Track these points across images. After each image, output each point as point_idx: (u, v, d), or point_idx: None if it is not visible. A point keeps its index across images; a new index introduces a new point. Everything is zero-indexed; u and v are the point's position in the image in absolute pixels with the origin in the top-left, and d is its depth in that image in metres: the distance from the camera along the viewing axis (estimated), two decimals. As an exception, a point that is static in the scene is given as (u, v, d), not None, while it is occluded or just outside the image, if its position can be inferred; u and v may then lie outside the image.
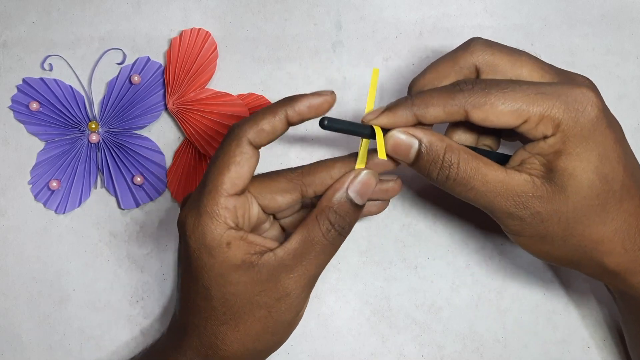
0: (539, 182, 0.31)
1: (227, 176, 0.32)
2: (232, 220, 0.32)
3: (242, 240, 0.32)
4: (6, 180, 0.43)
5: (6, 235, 0.43)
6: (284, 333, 0.34)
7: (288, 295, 0.32)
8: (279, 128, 0.32)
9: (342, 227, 0.32)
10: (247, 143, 0.32)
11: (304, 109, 0.32)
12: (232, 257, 0.32)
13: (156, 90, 0.42)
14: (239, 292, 0.32)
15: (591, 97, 0.31)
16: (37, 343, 0.42)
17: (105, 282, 0.43)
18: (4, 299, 0.43)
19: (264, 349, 0.34)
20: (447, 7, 0.43)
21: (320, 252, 0.32)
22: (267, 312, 0.32)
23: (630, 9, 0.42)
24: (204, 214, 0.32)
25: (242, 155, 0.32)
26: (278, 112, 0.32)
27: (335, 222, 0.32)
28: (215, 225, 0.32)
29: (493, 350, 0.41)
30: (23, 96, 0.43)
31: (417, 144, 0.32)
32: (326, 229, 0.32)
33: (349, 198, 0.32)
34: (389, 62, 0.43)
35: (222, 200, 0.32)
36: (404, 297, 0.42)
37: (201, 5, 0.43)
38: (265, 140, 0.32)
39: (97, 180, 0.43)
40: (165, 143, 0.43)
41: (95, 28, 0.43)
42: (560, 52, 0.42)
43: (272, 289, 0.32)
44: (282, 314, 0.33)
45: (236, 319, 0.32)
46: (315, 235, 0.32)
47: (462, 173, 0.31)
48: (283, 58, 0.43)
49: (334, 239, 0.32)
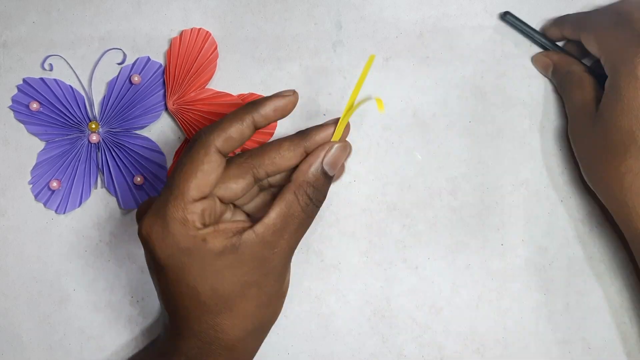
0: None
1: (193, 183, 0.31)
2: (200, 223, 0.32)
3: (215, 232, 0.32)
4: (6, 180, 0.43)
5: (6, 235, 0.43)
6: (277, 303, 0.35)
7: (274, 269, 0.33)
8: (246, 134, 0.32)
9: (319, 199, 0.34)
10: (215, 151, 0.32)
11: (270, 112, 0.33)
12: (212, 247, 0.32)
13: (156, 90, 0.42)
14: (226, 279, 0.32)
15: None
16: (37, 343, 0.42)
17: (105, 282, 0.43)
18: (4, 299, 0.43)
19: (263, 324, 0.35)
20: (447, 7, 0.43)
21: (299, 225, 0.33)
22: (257, 289, 0.33)
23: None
24: (171, 222, 0.31)
25: (210, 163, 0.32)
26: (245, 119, 0.32)
27: (313, 195, 0.33)
28: (186, 229, 0.31)
29: (493, 350, 0.41)
30: (23, 96, 0.43)
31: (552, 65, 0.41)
32: (305, 203, 0.33)
33: (324, 170, 0.34)
34: (389, 62, 0.43)
35: (189, 206, 0.31)
36: (405, 297, 0.42)
37: (201, 5, 0.43)
38: (232, 148, 0.32)
39: (98, 181, 0.43)
40: (165, 143, 0.43)
41: (95, 28, 0.43)
42: (561, 52, 0.42)
43: (257, 266, 0.32)
44: (272, 287, 0.34)
45: (229, 305, 0.33)
46: (295, 209, 0.33)
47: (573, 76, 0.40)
48: (283, 58, 0.43)
49: (312, 211, 0.34)
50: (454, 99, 0.42)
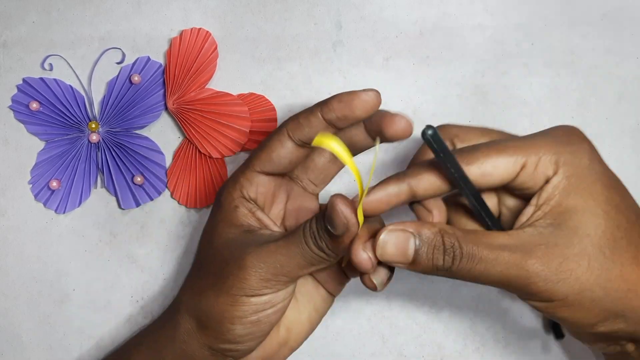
0: (548, 230, 0.29)
1: (258, 155, 0.34)
2: (249, 192, 0.34)
3: (250, 211, 0.34)
4: (6, 180, 0.43)
5: (6, 235, 0.43)
6: (226, 305, 0.32)
7: (245, 263, 0.31)
8: (314, 123, 0.33)
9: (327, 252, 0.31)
10: (285, 133, 0.33)
11: (334, 103, 0.32)
12: (233, 217, 0.33)
13: (156, 90, 0.42)
14: (219, 244, 0.33)
15: (578, 133, 0.31)
16: (37, 343, 0.42)
17: (105, 282, 0.43)
18: (4, 299, 0.43)
19: (207, 313, 0.32)
20: (447, 7, 0.43)
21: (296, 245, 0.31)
22: (222, 267, 0.32)
23: (630, 9, 0.42)
24: (230, 180, 0.35)
25: (277, 141, 0.33)
26: (314, 109, 0.33)
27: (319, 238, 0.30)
28: (232, 189, 0.34)
29: (494, 350, 0.41)
30: (23, 96, 0.43)
31: (413, 239, 0.29)
32: (315, 248, 0.30)
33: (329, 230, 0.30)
34: (389, 62, 0.43)
35: (247, 172, 0.34)
36: (405, 297, 0.42)
37: (201, 5, 0.43)
38: (302, 133, 0.33)
39: (97, 180, 0.43)
40: (165, 143, 0.43)
41: (95, 28, 0.43)
42: (561, 51, 0.42)
43: (238, 250, 0.32)
44: (232, 278, 0.31)
45: (201, 265, 0.34)
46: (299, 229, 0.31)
47: (465, 249, 0.29)
48: (283, 58, 0.43)
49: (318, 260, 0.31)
50: (454, 98, 0.42)
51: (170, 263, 0.43)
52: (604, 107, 0.42)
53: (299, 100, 0.42)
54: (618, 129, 0.42)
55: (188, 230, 0.42)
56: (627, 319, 0.29)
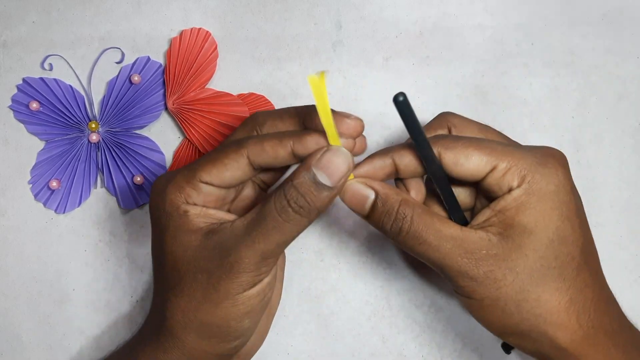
0: (495, 239, 0.31)
1: (209, 167, 0.32)
2: (195, 200, 0.32)
3: (200, 212, 0.32)
4: (6, 180, 0.43)
5: (6, 235, 0.43)
6: (228, 309, 0.32)
7: (230, 264, 0.31)
8: (280, 154, 0.31)
9: (300, 205, 0.30)
10: (245, 155, 0.31)
11: (312, 145, 0.31)
12: (188, 222, 0.32)
13: (156, 90, 0.42)
14: (186, 256, 0.32)
15: (560, 160, 0.32)
16: (37, 343, 0.42)
17: (105, 282, 0.43)
18: (4, 299, 0.43)
19: (208, 323, 0.32)
20: (447, 7, 0.43)
21: (272, 228, 0.30)
22: (207, 278, 0.31)
23: (630, 9, 0.42)
24: (172, 185, 0.32)
25: (233, 161, 0.31)
26: (284, 140, 0.31)
27: (292, 199, 0.30)
28: (176, 196, 0.32)
29: (493, 350, 0.41)
30: (23, 96, 0.43)
31: (374, 195, 0.32)
32: (280, 205, 0.30)
33: (312, 174, 0.30)
34: (389, 62, 0.43)
35: (193, 181, 0.32)
36: (404, 297, 0.42)
37: (201, 5, 0.43)
38: (263, 161, 0.31)
39: (97, 180, 0.43)
40: (165, 143, 0.43)
41: (95, 28, 0.43)
42: (561, 51, 0.42)
43: (216, 255, 0.31)
44: (223, 283, 0.31)
45: (181, 284, 0.32)
46: (269, 209, 0.30)
47: (415, 226, 0.31)
48: (283, 58, 0.43)
49: (290, 216, 0.30)
50: (454, 98, 0.42)
51: (170, 263, 0.43)
52: (604, 107, 0.42)
53: (299, 101, 0.42)
54: (618, 129, 0.42)
55: (188, 230, 0.43)
56: (533, 340, 0.31)
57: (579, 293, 0.31)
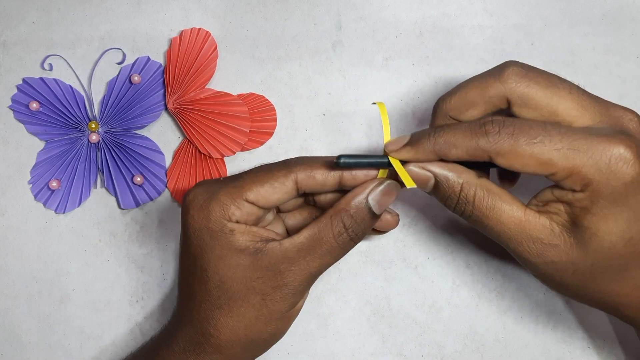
0: (558, 230, 0.30)
1: (258, 188, 0.32)
2: (238, 218, 0.32)
3: (245, 230, 0.32)
4: (6, 180, 0.43)
5: (6, 235, 0.43)
6: (277, 325, 0.34)
7: (285, 286, 0.32)
8: (329, 183, 0.33)
9: (356, 233, 0.32)
10: (293, 181, 0.33)
11: (360, 176, 0.33)
12: (235, 241, 0.32)
13: (156, 90, 0.42)
14: (236, 276, 0.32)
15: (629, 156, 0.28)
16: (37, 343, 0.42)
17: (105, 282, 0.43)
18: (4, 299, 0.43)
19: (257, 339, 0.33)
20: (447, 7, 0.43)
21: (326, 252, 0.32)
22: (261, 299, 0.32)
23: (630, 9, 0.42)
24: (215, 201, 0.32)
25: (282, 185, 0.32)
26: (334, 171, 0.33)
27: (350, 227, 0.32)
28: (220, 213, 0.32)
29: (493, 350, 0.41)
30: (23, 96, 0.43)
31: (433, 179, 0.32)
32: (338, 232, 0.32)
33: (368, 205, 0.32)
34: (389, 62, 0.43)
35: (239, 201, 0.32)
36: (404, 296, 0.42)
37: (201, 5, 0.43)
38: (310, 188, 0.33)
39: (97, 180, 0.43)
40: (165, 143, 0.43)
41: (95, 28, 0.43)
42: (561, 51, 0.42)
43: (270, 277, 0.32)
44: (277, 304, 0.32)
45: (230, 303, 0.32)
46: (326, 235, 0.32)
47: (476, 211, 0.31)
48: (283, 58, 0.43)
49: (345, 243, 0.32)
50: (453, 98, 0.42)
51: (170, 263, 0.43)
52: (604, 107, 0.42)
53: (299, 101, 0.42)
54: (618, 129, 0.42)
55: (188, 230, 0.43)
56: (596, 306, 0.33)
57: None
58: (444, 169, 0.31)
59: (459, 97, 0.32)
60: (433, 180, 0.32)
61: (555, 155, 0.29)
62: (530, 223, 0.30)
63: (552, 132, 0.29)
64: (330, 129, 0.42)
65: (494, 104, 0.31)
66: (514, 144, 0.29)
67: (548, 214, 0.30)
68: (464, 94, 0.32)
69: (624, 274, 0.30)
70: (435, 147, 0.31)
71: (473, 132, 0.30)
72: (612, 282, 0.31)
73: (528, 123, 0.30)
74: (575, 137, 0.29)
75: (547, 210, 0.30)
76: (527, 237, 0.30)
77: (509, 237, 0.31)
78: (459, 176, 0.31)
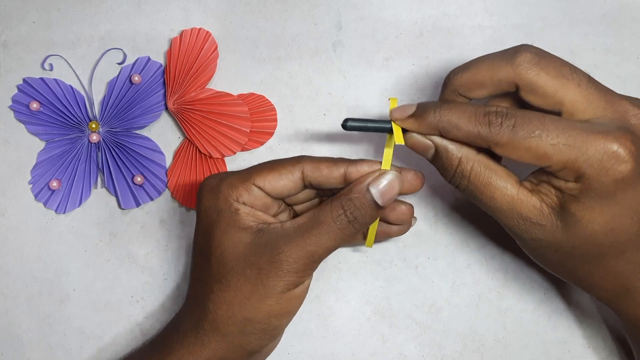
0: (547, 211, 0.32)
1: (265, 174, 0.34)
2: (245, 200, 0.34)
3: (250, 212, 0.34)
4: (6, 180, 0.43)
5: (6, 235, 0.43)
6: (272, 306, 0.33)
7: (280, 261, 0.32)
8: (334, 175, 0.34)
9: (355, 216, 0.33)
10: (300, 172, 0.34)
11: (365, 168, 0.34)
12: (240, 219, 0.33)
13: (156, 90, 0.42)
14: (236, 251, 0.33)
15: (622, 154, 0.29)
16: (37, 343, 0.42)
17: (105, 282, 0.43)
18: (4, 299, 0.43)
19: (252, 319, 0.33)
20: (447, 7, 0.43)
21: (324, 232, 0.32)
22: (257, 273, 0.32)
23: (630, 9, 0.42)
24: (225, 182, 0.34)
25: (289, 174, 0.34)
26: (339, 164, 0.34)
27: (348, 209, 0.33)
28: (229, 193, 0.34)
29: (493, 350, 0.41)
30: (23, 96, 0.43)
31: (434, 148, 0.33)
32: (336, 213, 0.33)
33: (370, 194, 0.33)
34: (389, 62, 0.43)
35: (247, 184, 0.34)
36: (405, 296, 0.42)
37: (201, 5, 0.43)
38: (315, 179, 0.34)
39: (98, 180, 0.43)
40: (165, 143, 0.43)
41: (96, 28, 0.43)
42: (561, 51, 0.42)
43: (266, 253, 0.32)
44: (272, 280, 0.32)
45: (228, 277, 0.33)
46: (324, 215, 0.33)
47: (471, 186, 0.33)
48: (283, 58, 0.43)
49: (343, 224, 0.33)
50: (454, 98, 0.42)
51: (170, 263, 0.43)
52: (604, 107, 0.42)
53: (299, 101, 0.42)
54: (618, 129, 0.42)
55: (188, 230, 0.42)
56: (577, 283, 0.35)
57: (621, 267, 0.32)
58: (444, 139, 0.33)
59: (469, 75, 0.33)
60: (433, 149, 0.33)
61: (550, 150, 0.30)
62: (522, 202, 0.32)
63: (550, 126, 0.30)
64: (331, 129, 0.42)
65: (502, 87, 0.32)
66: (512, 137, 0.30)
67: (539, 195, 0.32)
68: (474, 74, 0.33)
69: (601, 260, 0.32)
70: (438, 124, 0.32)
71: (477, 119, 0.31)
72: (589, 265, 0.33)
73: (528, 116, 0.31)
74: (572, 132, 0.30)
75: (539, 190, 0.32)
76: (517, 215, 0.32)
77: (500, 212, 0.32)
78: (458, 149, 0.33)
